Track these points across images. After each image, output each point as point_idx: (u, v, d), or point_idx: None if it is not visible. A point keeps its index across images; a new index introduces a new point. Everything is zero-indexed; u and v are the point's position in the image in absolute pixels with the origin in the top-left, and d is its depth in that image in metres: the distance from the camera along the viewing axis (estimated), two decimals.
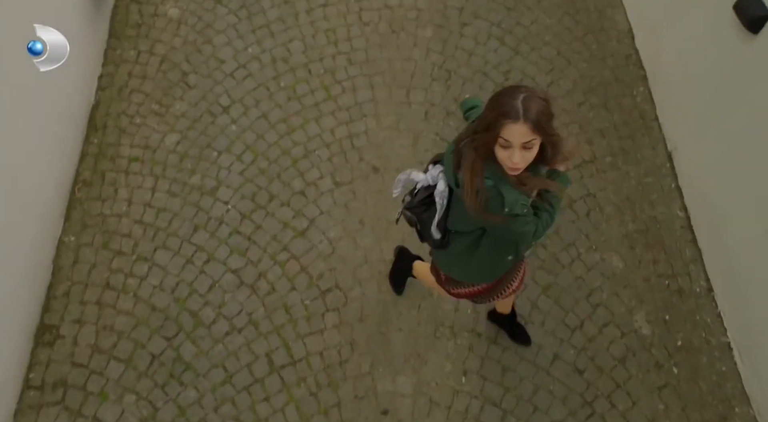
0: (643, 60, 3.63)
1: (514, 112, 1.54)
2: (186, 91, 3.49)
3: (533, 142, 1.58)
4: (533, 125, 1.54)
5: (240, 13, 3.73)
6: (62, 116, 3.12)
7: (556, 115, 1.67)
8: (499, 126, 1.56)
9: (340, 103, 3.47)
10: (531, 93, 1.59)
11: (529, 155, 1.61)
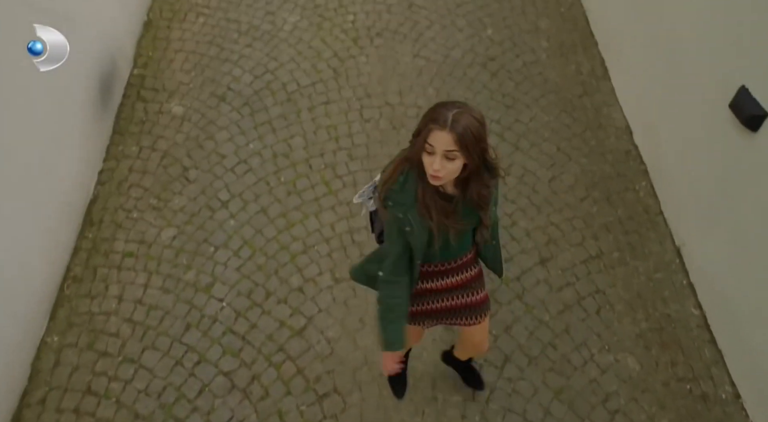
0: (642, 156, 3.64)
1: (443, 120, 1.60)
2: (185, 186, 3.47)
3: (455, 153, 1.62)
4: (457, 136, 1.59)
5: (243, 110, 3.80)
6: (58, 211, 3.07)
7: (488, 141, 1.71)
8: (427, 131, 1.63)
9: (341, 198, 3.44)
10: (466, 109, 1.64)
11: (451, 167, 1.64)
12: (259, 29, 4.27)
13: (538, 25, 4.36)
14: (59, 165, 3.07)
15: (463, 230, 1.89)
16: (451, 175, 1.68)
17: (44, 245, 2.94)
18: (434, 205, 1.75)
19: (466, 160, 1.65)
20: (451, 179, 1.73)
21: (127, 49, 3.96)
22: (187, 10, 4.37)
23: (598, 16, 4.25)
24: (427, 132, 1.63)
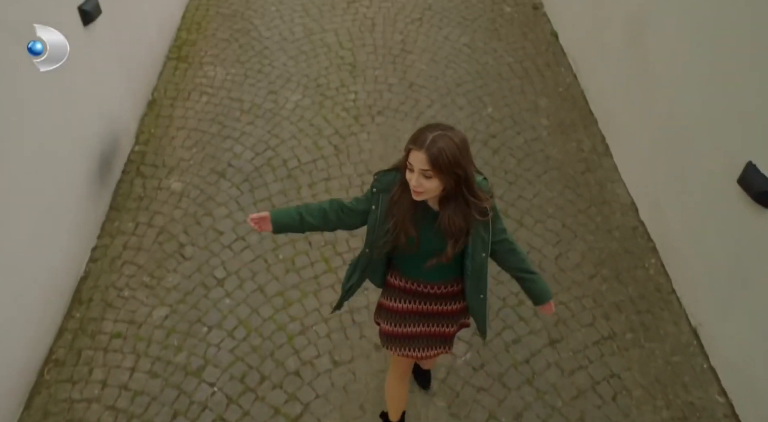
0: (650, 232, 3.56)
1: (421, 141, 1.71)
2: (181, 263, 3.36)
3: (430, 173, 1.71)
4: (431, 157, 1.69)
5: (243, 186, 3.76)
6: (45, 290, 2.94)
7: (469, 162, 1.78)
8: (407, 150, 1.76)
9: (341, 275, 3.32)
10: (448, 132, 1.73)
11: (428, 185, 1.74)
12: (262, 108, 4.31)
13: (537, 103, 4.41)
14: (50, 241, 2.98)
15: (417, 242, 1.92)
16: (430, 193, 1.79)
17: (26, 326, 2.78)
18: (403, 203, 1.87)
19: (440, 181, 1.74)
20: (432, 196, 1.83)
21: (130, 126, 3.98)
22: (191, 89, 4.44)
23: (596, 96, 4.31)
24: (408, 151, 1.75)
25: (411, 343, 2.22)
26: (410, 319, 2.20)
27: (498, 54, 4.84)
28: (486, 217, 1.86)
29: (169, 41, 4.79)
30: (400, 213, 1.88)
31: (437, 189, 1.78)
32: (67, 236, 3.15)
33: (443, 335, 2.25)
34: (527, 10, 5.33)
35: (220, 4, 5.28)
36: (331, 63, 4.71)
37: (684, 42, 3.15)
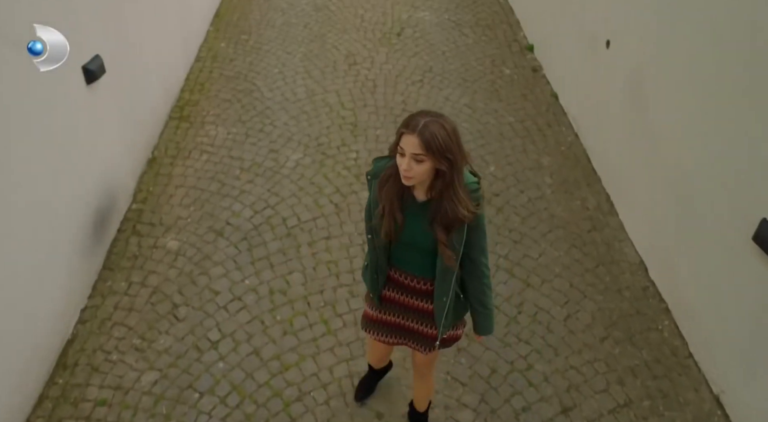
0: (661, 292, 3.44)
1: (413, 125, 1.73)
2: (173, 325, 3.22)
3: (422, 157, 1.73)
4: (424, 141, 1.71)
5: (241, 245, 3.66)
6: (27, 354, 2.78)
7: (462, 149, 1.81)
8: (399, 134, 1.78)
9: (341, 338, 3.17)
10: (438, 119, 1.76)
11: (418, 169, 1.75)
12: (262, 166, 4.28)
13: (540, 162, 4.38)
14: (37, 302, 2.85)
15: (401, 229, 1.95)
16: (421, 177, 1.80)
17: (4, 394, 2.61)
18: (390, 188, 1.90)
19: (434, 163, 1.75)
20: (422, 182, 1.85)
21: (128, 184, 3.93)
22: (192, 148, 4.43)
23: (599, 154, 4.29)
24: (399, 135, 1.78)
25: (387, 330, 2.29)
26: (391, 308, 2.25)
27: (499, 114, 4.87)
28: (469, 215, 1.85)
29: (173, 101, 4.82)
30: (388, 197, 1.92)
31: (426, 174, 1.79)
32: (56, 296, 3.03)
33: (421, 334, 2.25)
34: (526, 72, 5.41)
35: (223, 66, 5.36)
36: (333, 122, 4.72)
37: (686, 96, 3.14)
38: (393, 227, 1.94)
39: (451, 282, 2.03)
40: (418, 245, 2.00)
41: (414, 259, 2.07)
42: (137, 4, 4.07)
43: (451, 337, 2.26)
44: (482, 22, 6.14)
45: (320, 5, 6.36)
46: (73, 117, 3.21)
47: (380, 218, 1.95)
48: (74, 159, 3.21)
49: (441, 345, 2.23)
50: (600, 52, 4.19)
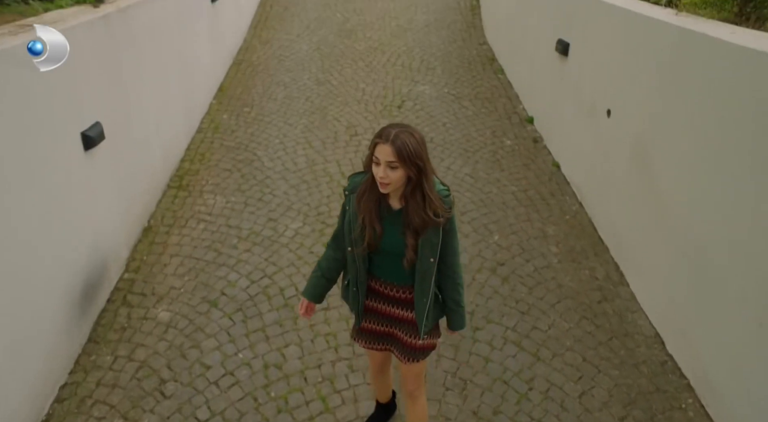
0: (681, 367, 3.23)
1: (385, 136, 1.90)
2: (159, 403, 2.99)
3: (396, 164, 1.89)
4: (396, 149, 1.87)
5: (235, 316, 3.49)
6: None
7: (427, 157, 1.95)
8: (373, 145, 1.94)
9: (339, 416, 2.94)
10: (407, 129, 1.93)
11: (393, 175, 1.91)
12: (260, 235, 4.18)
13: (545, 231, 4.28)
14: (12, 378, 2.64)
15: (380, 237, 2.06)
16: (396, 183, 1.94)
17: None
18: (368, 199, 2.04)
19: (404, 172, 1.91)
20: (397, 189, 1.98)
21: (121, 253, 3.81)
22: (189, 216, 4.34)
23: (604, 222, 4.20)
24: (374, 146, 1.93)
25: (374, 338, 2.38)
26: (374, 317, 2.33)
27: (501, 183, 4.82)
28: (439, 219, 1.99)
29: (172, 171, 4.79)
30: (366, 208, 2.04)
31: (400, 181, 1.94)
32: (34, 371, 2.82)
33: (405, 343, 2.31)
34: (527, 143, 5.42)
35: (225, 137, 5.38)
36: (333, 192, 4.66)
37: (692, 161, 3.08)
38: (373, 235, 2.05)
39: (431, 284, 2.14)
40: (396, 252, 2.09)
41: (393, 267, 2.15)
42: (140, 76, 4.12)
43: (428, 345, 2.33)
44: (481, 96, 6.25)
45: (322, 80, 6.50)
46: (67, 183, 3.14)
47: (361, 229, 2.06)
48: (65, 226, 3.10)
49: (420, 352, 2.31)
50: (601, 121, 4.19)
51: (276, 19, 8.17)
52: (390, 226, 2.06)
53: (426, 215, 1.96)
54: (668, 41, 3.35)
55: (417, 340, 2.27)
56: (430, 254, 2.06)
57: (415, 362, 2.32)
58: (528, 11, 6.09)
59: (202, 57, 5.68)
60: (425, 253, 2.06)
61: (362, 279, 2.22)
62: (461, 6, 8.71)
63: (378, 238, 2.06)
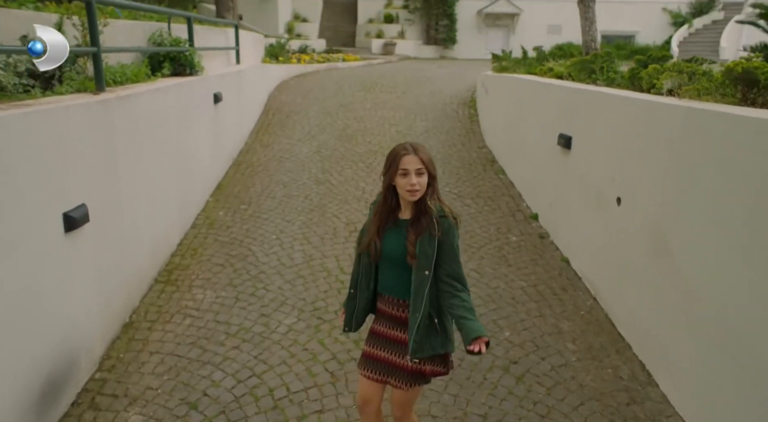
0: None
1: (407, 148, 2.20)
2: None
3: (423, 170, 2.17)
4: (420, 157, 2.18)
5: (217, 420, 3.06)
6: None
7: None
8: (398, 160, 2.18)
9: None
10: (417, 143, 2.23)
11: (422, 181, 2.18)
12: (250, 331, 3.84)
13: (559, 327, 3.95)
14: None
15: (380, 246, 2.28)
16: (423, 189, 2.19)
17: None
18: (381, 212, 2.29)
19: (430, 172, 2.19)
20: (411, 201, 2.20)
21: (95, 350, 3.45)
22: (174, 312, 4.02)
23: (624, 317, 3.88)
24: (399, 160, 2.18)
25: (373, 365, 2.44)
26: (379, 342, 2.42)
27: (509, 279, 4.56)
28: (435, 226, 2.16)
29: (161, 265, 4.54)
30: (378, 220, 2.30)
31: (425, 183, 2.19)
32: None
33: (396, 365, 2.37)
34: (533, 239, 5.23)
35: (219, 232, 5.20)
36: (331, 287, 4.38)
37: (719, 241, 2.85)
38: (374, 241, 2.28)
39: (424, 298, 2.20)
40: (395, 258, 2.25)
41: (394, 278, 2.30)
42: (135, 165, 4.01)
43: (417, 371, 2.33)
44: (483, 194, 6.16)
45: (322, 180, 6.45)
46: (42, 263, 2.89)
47: (369, 235, 2.31)
48: (33, 311, 2.80)
49: (409, 375, 2.32)
50: (611, 211, 4.03)
51: (278, 125, 8.34)
52: (394, 233, 2.27)
53: (430, 210, 2.17)
54: (676, 122, 3.27)
55: (406, 361, 2.30)
56: (425, 265, 2.18)
57: (404, 387, 2.35)
58: (527, 112, 6.19)
59: (201, 155, 5.66)
60: (421, 264, 2.18)
61: (363, 286, 2.40)
62: (459, 115, 8.94)
63: (379, 244, 2.28)
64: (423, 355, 2.25)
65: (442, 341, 2.27)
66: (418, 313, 2.21)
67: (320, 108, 9.19)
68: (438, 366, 2.34)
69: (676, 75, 3.88)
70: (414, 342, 2.22)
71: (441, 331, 2.26)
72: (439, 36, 22.66)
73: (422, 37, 22.81)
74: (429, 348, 2.25)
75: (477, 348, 2.07)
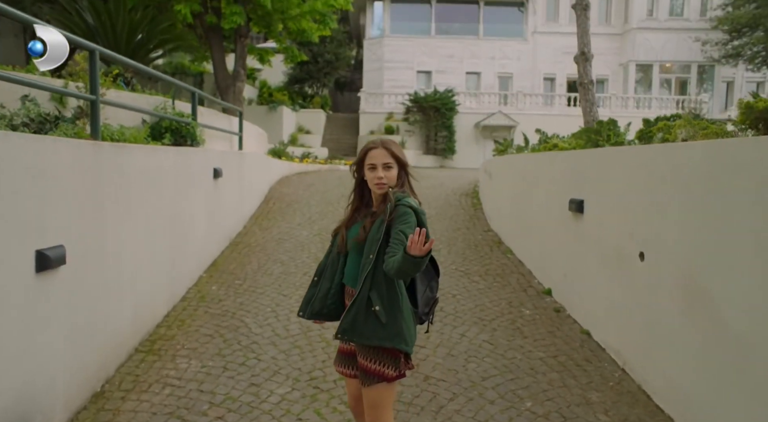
0: None
1: (375, 143, 2.34)
2: None
3: (391, 164, 2.29)
4: (388, 150, 2.30)
5: None
6: None
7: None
8: (365, 154, 2.33)
9: None
10: (387, 139, 2.38)
11: (390, 175, 2.28)
12: (238, 401, 3.37)
13: (587, 398, 3.48)
14: None
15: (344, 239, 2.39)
16: (391, 181, 2.28)
17: None
18: (353, 203, 2.47)
19: (399, 165, 2.30)
20: (392, 186, 2.29)
21: (55, 418, 2.98)
22: (153, 381, 3.58)
23: (661, 388, 3.42)
24: (366, 154, 2.31)
25: (338, 358, 2.49)
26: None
27: (525, 350, 4.13)
28: (388, 211, 2.20)
29: (144, 334, 4.14)
30: (350, 212, 2.44)
31: (394, 179, 2.27)
32: None
33: (362, 368, 2.30)
34: (548, 312, 4.85)
35: (211, 305, 4.83)
36: (329, 357, 3.95)
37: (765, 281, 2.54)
38: (342, 231, 2.39)
39: (364, 281, 2.18)
40: (354, 246, 2.30)
41: (353, 268, 2.32)
42: (122, 220, 3.77)
43: (372, 371, 2.27)
44: (492, 272, 5.85)
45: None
46: (3, 302, 2.55)
47: (338, 227, 2.45)
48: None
49: (370, 375, 2.26)
50: (634, 269, 3.72)
51: (278, 212, 8.20)
52: (359, 223, 2.35)
53: (389, 198, 2.22)
54: (698, 158, 3.09)
55: (366, 361, 2.26)
56: (370, 249, 2.20)
57: (364, 385, 2.29)
58: (533, 186, 6.06)
59: (196, 227, 5.43)
60: (367, 248, 2.22)
61: (327, 275, 2.42)
62: (462, 203, 8.84)
63: (344, 236, 2.36)
64: (349, 338, 2.24)
65: (380, 333, 2.20)
66: (358, 296, 2.20)
67: (322, 198, 9.12)
68: (385, 367, 2.25)
69: (689, 127, 3.78)
70: (344, 321, 2.22)
71: (381, 322, 2.19)
72: (439, 146, 23.35)
73: (422, 148, 23.51)
74: (359, 334, 2.22)
75: (413, 243, 1.95)
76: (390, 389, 2.31)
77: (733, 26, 19.91)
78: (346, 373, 2.46)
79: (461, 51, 24.42)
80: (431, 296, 2.43)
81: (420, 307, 2.38)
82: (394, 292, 2.24)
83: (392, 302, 2.22)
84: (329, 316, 2.44)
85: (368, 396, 2.30)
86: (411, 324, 2.31)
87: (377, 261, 2.19)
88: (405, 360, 2.29)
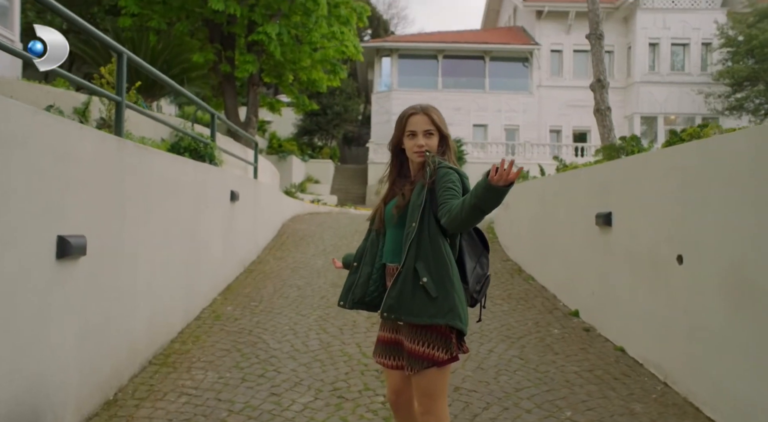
0: None
1: (416, 108, 2.17)
2: None
3: (432, 131, 2.13)
4: (429, 117, 2.13)
5: None
6: None
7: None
8: (405, 120, 2.16)
9: None
10: (429, 105, 2.19)
11: (431, 142, 2.13)
12: (258, 409, 3.17)
13: (631, 408, 3.26)
14: None
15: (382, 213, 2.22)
16: (434, 150, 2.13)
17: None
18: (389, 178, 2.27)
19: (440, 133, 2.15)
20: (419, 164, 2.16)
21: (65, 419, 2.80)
22: (168, 390, 3.39)
23: (713, 399, 3.18)
24: (406, 120, 2.15)
25: (378, 348, 2.24)
26: (387, 323, 2.18)
27: (558, 364, 3.92)
28: (428, 175, 2.05)
29: (158, 348, 3.96)
30: (387, 189, 2.26)
31: (434, 144, 2.13)
32: None
33: (410, 352, 2.06)
34: (578, 331, 4.64)
35: (227, 323, 4.66)
36: (353, 369, 3.76)
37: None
38: (380, 208, 2.24)
39: (408, 250, 2.02)
40: (391, 218, 2.15)
41: (393, 242, 2.14)
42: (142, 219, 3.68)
43: (423, 355, 2.02)
44: (515, 296, 5.67)
45: (338, 283, 6.00)
46: (23, 284, 2.44)
47: (376, 204, 2.28)
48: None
49: (418, 359, 2.02)
50: (671, 274, 3.57)
51: (292, 244, 8.09)
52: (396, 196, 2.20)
53: (429, 164, 2.06)
54: (739, 150, 3.01)
55: (414, 345, 2.03)
56: (413, 216, 2.05)
57: (413, 372, 2.05)
58: (553, 209, 5.95)
59: (212, 247, 5.31)
60: (411, 215, 2.06)
61: (367, 260, 2.23)
62: None
63: (382, 211, 2.21)
64: (396, 316, 2.02)
65: (431, 309, 1.97)
66: (402, 267, 2.02)
67: (335, 233, 9.03)
68: (434, 349, 2.00)
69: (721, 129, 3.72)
70: (389, 296, 2.04)
71: (431, 297, 1.97)
72: None
73: None
74: (407, 311, 2.00)
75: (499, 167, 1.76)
76: (442, 374, 2.06)
77: (734, 80, 20.24)
78: (387, 364, 2.20)
79: (468, 104, 24.79)
80: (482, 272, 2.18)
81: (471, 284, 2.14)
82: (443, 262, 2.00)
83: (442, 274, 1.99)
84: (371, 304, 2.21)
85: (418, 383, 2.07)
86: (464, 300, 2.07)
87: (421, 229, 2.01)
88: (457, 341, 2.05)
